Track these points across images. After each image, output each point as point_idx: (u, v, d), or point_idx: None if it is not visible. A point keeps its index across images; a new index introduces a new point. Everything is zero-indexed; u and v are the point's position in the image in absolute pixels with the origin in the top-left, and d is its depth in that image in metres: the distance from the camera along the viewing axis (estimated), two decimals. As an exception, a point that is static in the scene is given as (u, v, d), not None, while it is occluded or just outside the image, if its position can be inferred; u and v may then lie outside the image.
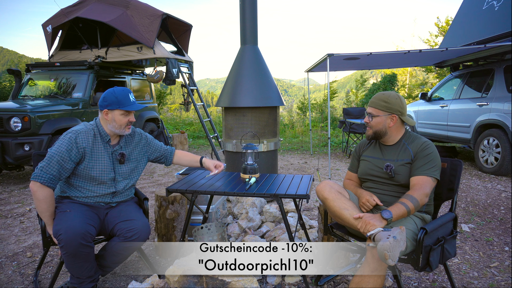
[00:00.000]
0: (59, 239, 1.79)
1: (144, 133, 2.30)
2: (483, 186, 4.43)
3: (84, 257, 1.86)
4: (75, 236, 1.78)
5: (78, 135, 1.96)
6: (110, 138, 2.07)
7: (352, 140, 7.48)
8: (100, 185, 2.03)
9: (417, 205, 1.72)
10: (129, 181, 2.16)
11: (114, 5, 6.02)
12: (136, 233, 1.95)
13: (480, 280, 2.31)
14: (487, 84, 5.38)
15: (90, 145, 1.98)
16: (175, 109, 15.30)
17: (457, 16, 6.80)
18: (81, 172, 1.98)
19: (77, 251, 1.81)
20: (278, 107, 4.00)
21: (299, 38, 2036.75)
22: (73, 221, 1.83)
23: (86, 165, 1.97)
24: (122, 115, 2.01)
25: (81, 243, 1.79)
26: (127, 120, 2.03)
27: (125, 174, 2.13)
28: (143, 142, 2.25)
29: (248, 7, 3.86)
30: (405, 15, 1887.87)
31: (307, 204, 3.82)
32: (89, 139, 1.99)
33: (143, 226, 1.99)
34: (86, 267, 1.90)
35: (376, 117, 1.94)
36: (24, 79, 6.15)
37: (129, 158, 2.15)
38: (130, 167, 2.15)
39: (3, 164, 4.64)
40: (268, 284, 2.20)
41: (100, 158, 2.01)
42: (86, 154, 1.96)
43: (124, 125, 2.03)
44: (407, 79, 15.36)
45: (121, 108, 1.99)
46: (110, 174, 2.04)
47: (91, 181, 2.01)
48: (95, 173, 1.99)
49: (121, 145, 2.12)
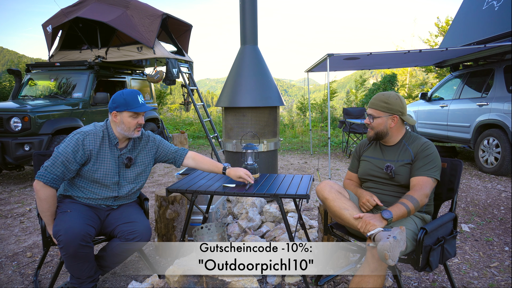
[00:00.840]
0: (58, 240, 1.79)
1: (153, 134, 2.22)
2: (483, 186, 4.43)
3: (84, 258, 1.86)
4: (75, 237, 1.77)
5: (86, 136, 1.94)
6: (119, 141, 2.04)
7: (352, 140, 7.48)
8: (103, 187, 2.02)
9: (417, 205, 1.72)
10: (135, 185, 2.12)
11: (114, 5, 6.02)
12: (138, 235, 1.94)
13: (480, 280, 2.31)
14: (487, 84, 5.38)
15: (97, 147, 1.95)
16: (175, 109, 15.31)
17: (457, 16, 6.80)
18: (85, 173, 1.97)
19: (77, 252, 1.80)
20: (278, 107, 4.00)
21: (299, 38, 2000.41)
22: (73, 222, 1.82)
23: (91, 168, 1.95)
24: (130, 117, 1.97)
25: (81, 244, 1.79)
26: (136, 122, 1.98)
27: (131, 178, 2.09)
28: (151, 144, 2.18)
29: (248, 7, 3.86)
30: (405, 15, 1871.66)
31: (307, 204, 3.82)
32: (97, 142, 1.96)
33: (144, 229, 1.98)
34: (85, 267, 1.90)
35: (377, 118, 1.94)
36: (24, 79, 6.15)
37: (135, 162, 2.10)
38: (136, 172, 2.10)
39: (3, 164, 4.64)
40: (268, 284, 2.20)
41: (105, 162, 1.99)
42: (92, 156, 1.94)
43: (133, 127, 1.98)
44: (407, 79, 15.36)
45: (129, 109, 1.95)
46: (114, 178, 2.01)
47: (94, 183, 2.00)
48: (98, 176, 1.97)
49: (128, 148, 2.08)
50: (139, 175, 2.13)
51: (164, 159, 2.25)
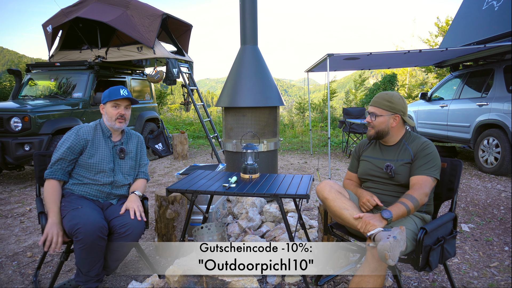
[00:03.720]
0: (77, 232, 1.81)
1: (143, 142, 2.38)
2: (483, 186, 4.43)
3: (99, 251, 1.90)
4: (94, 229, 1.83)
5: (80, 129, 2.13)
6: (112, 134, 2.19)
7: (352, 140, 7.48)
8: (99, 173, 2.10)
9: (417, 204, 1.72)
10: (129, 177, 2.23)
11: (114, 5, 6.02)
12: (129, 228, 1.95)
13: (480, 280, 2.31)
14: (487, 84, 5.38)
15: (91, 136, 2.12)
16: (175, 109, 15.30)
17: (457, 16, 6.80)
18: (82, 161, 2.08)
19: (94, 244, 1.84)
20: (278, 107, 4.01)
21: (299, 38, 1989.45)
22: (90, 215, 1.89)
23: (87, 154, 2.08)
24: (112, 107, 2.13)
25: (99, 235, 1.85)
26: (117, 113, 2.13)
27: (125, 169, 2.21)
28: (139, 143, 2.34)
29: (248, 7, 3.86)
30: (405, 15, 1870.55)
31: (307, 204, 3.82)
32: (90, 132, 2.13)
33: (136, 222, 1.99)
34: (97, 263, 1.93)
35: (380, 116, 1.94)
36: (24, 79, 6.15)
37: (129, 155, 2.24)
38: (129, 164, 2.24)
39: (3, 164, 4.64)
40: (268, 284, 2.20)
41: (100, 149, 2.13)
42: (87, 144, 2.09)
43: (114, 117, 2.12)
44: (407, 79, 15.36)
45: (110, 99, 2.12)
46: (109, 164, 2.13)
47: (91, 170, 2.09)
48: (94, 161, 2.08)
49: (122, 141, 2.23)
50: (132, 168, 2.26)
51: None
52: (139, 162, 2.33)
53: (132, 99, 2.20)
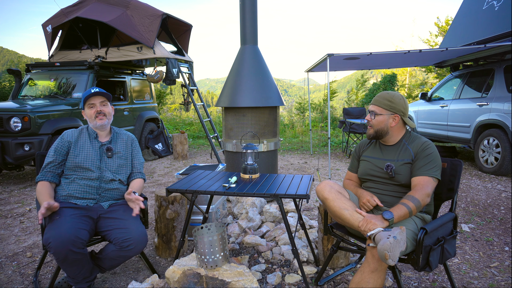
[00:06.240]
0: (49, 247, 1.76)
1: (135, 141, 2.37)
2: (483, 186, 4.43)
3: (77, 262, 1.84)
4: (64, 243, 1.74)
5: (65, 133, 2.21)
6: (98, 135, 2.23)
7: (352, 140, 7.48)
8: (86, 172, 2.10)
9: (418, 205, 1.72)
10: (117, 175, 2.19)
11: (114, 5, 6.01)
12: (132, 243, 1.90)
13: (480, 280, 2.31)
14: (487, 84, 5.38)
15: (75, 138, 2.18)
16: (175, 109, 15.29)
17: (457, 16, 6.80)
18: (69, 161, 2.13)
19: (68, 258, 1.78)
20: (278, 107, 4.00)
21: (299, 38, 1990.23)
22: (62, 228, 1.80)
23: (72, 153, 2.13)
24: (89, 109, 2.18)
25: (71, 250, 1.76)
26: (94, 111, 2.17)
27: (112, 167, 2.20)
28: (130, 142, 2.33)
29: (248, 7, 3.86)
30: (405, 15, 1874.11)
31: (307, 204, 3.82)
32: (74, 134, 2.20)
33: (139, 236, 1.93)
34: (80, 270, 1.89)
35: (379, 115, 1.94)
36: (24, 79, 6.15)
37: (116, 153, 2.24)
38: (117, 163, 2.22)
39: (3, 164, 4.64)
40: (268, 284, 2.20)
41: (85, 149, 2.16)
42: (70, 145, 2.16)
43: (93, 116, 2.17)
44: (407, 79, 15.36)
45: (84, 101, 2.18)
46: (95, 162, 2.14)
47: (77, 169, 2.11)
48: (80, 159, 2.11)
49: (109, 140, 2.26)
50: (121, 166, 2.23)
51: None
52: (133, 161, 2.30)
53: (105, 94, 2.19)
